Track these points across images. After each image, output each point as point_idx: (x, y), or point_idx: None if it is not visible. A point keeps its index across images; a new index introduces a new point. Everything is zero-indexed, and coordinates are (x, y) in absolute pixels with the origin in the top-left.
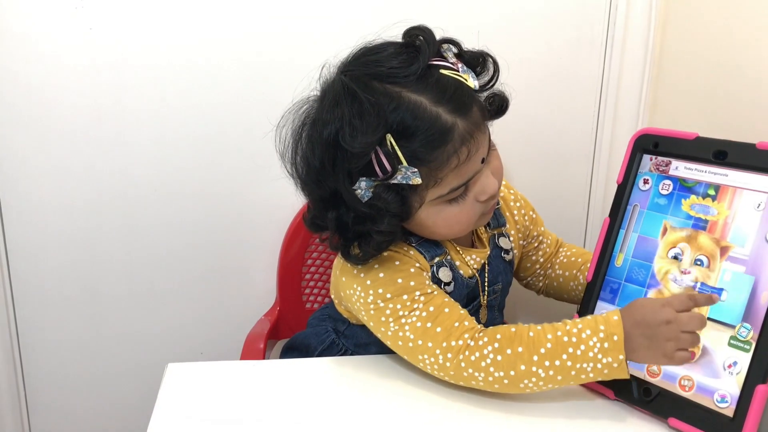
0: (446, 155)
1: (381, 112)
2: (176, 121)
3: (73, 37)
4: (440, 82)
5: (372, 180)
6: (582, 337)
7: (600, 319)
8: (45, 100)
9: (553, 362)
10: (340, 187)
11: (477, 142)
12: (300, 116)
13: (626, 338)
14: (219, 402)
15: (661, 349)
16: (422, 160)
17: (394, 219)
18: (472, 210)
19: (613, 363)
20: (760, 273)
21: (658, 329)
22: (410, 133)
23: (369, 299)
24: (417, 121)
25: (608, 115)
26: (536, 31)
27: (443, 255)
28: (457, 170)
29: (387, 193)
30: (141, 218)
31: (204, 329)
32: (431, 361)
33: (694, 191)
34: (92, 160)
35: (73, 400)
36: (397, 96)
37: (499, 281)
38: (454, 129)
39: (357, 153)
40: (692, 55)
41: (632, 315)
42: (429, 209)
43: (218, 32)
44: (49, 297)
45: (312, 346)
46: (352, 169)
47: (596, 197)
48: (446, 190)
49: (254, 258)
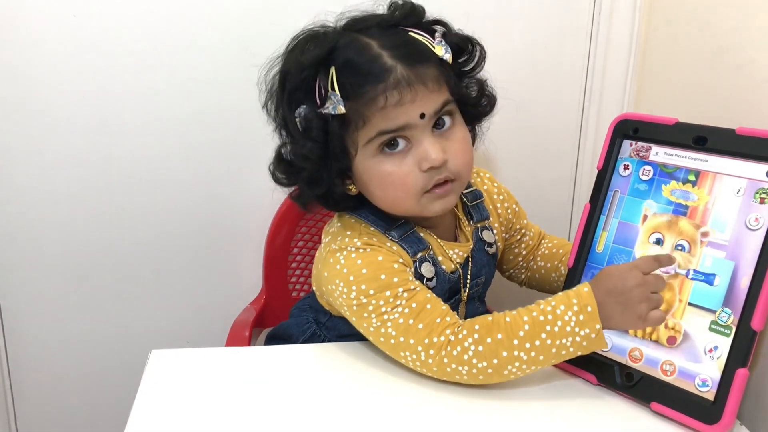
0: (375, 93)
1: (334, 38)
2: (161, 111)
3: (56, 23)
4: (398, 36)
5: (308, 108)
6: (557, 314)
7: (571, 293)
8: (28, 86)
9: (533, 343)
10: (285, 113)
11: (416, 93)
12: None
13: (600, 307)
14: (201, 388)
15: (635, 312)
16: (352, 93)
17: (314, 145)
18: (411, 175)
19: (591, 334)
20: (740, 258)
21: (630, 294)
22: (350, 66)
23: (352, 295)
24: (359, 56)
25: (593, 104)
26: (521, 21)
27: (426, 250)
28: (383, 112)
29: (317, 121)
30: (126, 207)
31: (190, 318)
32: (413, 358)
33: (675, 177)
34: (76, 149)
35: (60, 388)
36: (354, 36)
37: (482, 274)
38: (391, 71)
39: (304, 65)
40: (677, 43)
41: (603, 284)
42: (367, 160)
43: (205, 17)
44: (34, 287)
45: (294, 336)
46: (295, 89)
47: (581, 185)
48: (374, 132)
49: (240, 247)
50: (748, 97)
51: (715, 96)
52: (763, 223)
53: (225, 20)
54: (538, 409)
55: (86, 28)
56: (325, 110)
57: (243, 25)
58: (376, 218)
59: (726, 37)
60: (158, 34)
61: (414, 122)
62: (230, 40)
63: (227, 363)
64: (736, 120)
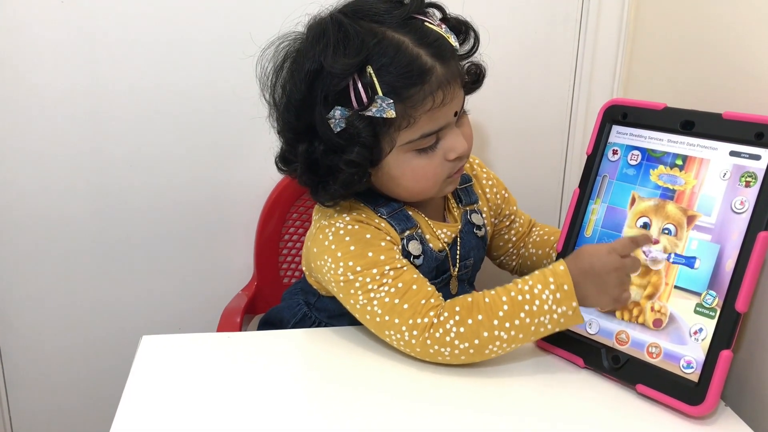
0: (423, 95)
1: (365, 41)
2: (152, 97)
3: (45, 10)
4: (423, 29)
5: (347, 110)
6: (534, 293)
7: (548, 271)
8: (17, 76)
9: (513, 322)
10: (315, 117)
11: (453, 91)
12: (283, 49)
13: (576, 286)
14: (192, 374)
15: (610, 295)
16: (399, 95)
17: (364, 150)
18: (440, 167)
19: (568, 311)
20: (725, 241)
21: (607, 277)
22: (390, 67)
23: (339, 271)
24: (398, 56)
25: (583, 90)
26: (511, 6)
27: (414, 228)
28: (430, 113)
29: (360, 122)
30: (117, 195)
31: (182, 304)
32: (397, 338)
33: (662, 161)
34: (67, 136)
35: (52, 375)
36: (381, 32)
37: (471, 256)
38: (432, 71)
39: (337, 74)
40: (666, 29)
41: (580, 263)
42: (398, 156)
43: (196, 5)
44: (24, 274)
45: (285, 319)
46: (330, 95)
47: (571, 170)
48: (418, 134)
49: (231, 233)
50: (734, 82)
51: (706, 82)
52: (748, 207)
53: (217, 12)
54: (525, 392)
55: (75, 17)
56: (369, 113)
57: (235, 17)
58: (365, 195)
59: (713, 23)
60: (150, 23)
61: (450, 121)
62: (221, 31)
63: (218, 348)
64: (724, 105)
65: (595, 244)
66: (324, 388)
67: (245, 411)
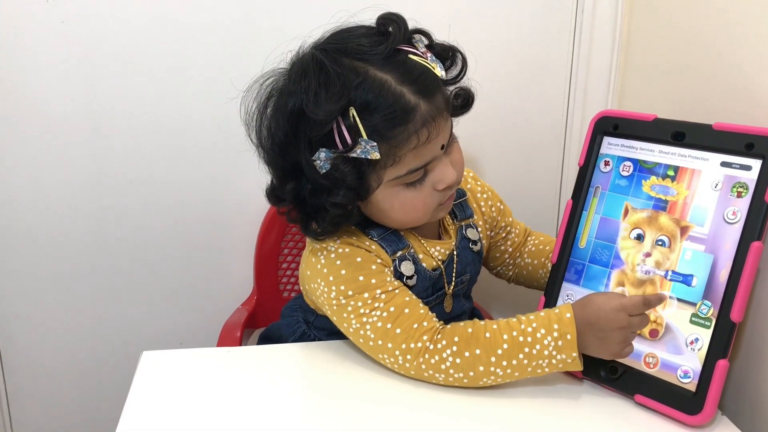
0: (407, 134)
1: (346, 83)
2: (152, 112)
3: (45, 30)
4: (407, 65)
5: (332, 152)
6: (537, 337)
7: (553, 316)
8: (19, 93)
9: (510, 362)
10: (300, 158)
11: (438, 126)
12: (266, 87)
13: (579, 335)
14: (192, 389)
15: (611, 349)
16: (383, 136)
17: (350, 192)
18: (429, 197)
19: (567, 359)
20: (718, 251)
21: (611, 333)
22: (373, 108)
23: (332, 295)
24: (380, 97)
25: (578, 101)
26: (505, 18)
27: (406, 249)
28: (416, 151)
29: (345, 165)
30: (117, 209)
31: (182, 319)
32: (391, 361)
33: (654, 172)
34: (67, 151)
35: (53, 389)
36: (363, 71)
37: (467, 272)
38: (416, 109)
39: (319, 121)
40: (660, 40)
41: (586, 315)
42: (386, 191)
43: (191, 23)
44: (26, 290)
45: (284, 336)
46: (313, 139)
47: (567, 182)
48: (404, 170)
49: (231, 247)
50: (725, 94)
51: (700, 93)
52: (740, 217)
53: (217, 22)
54: (523, 402)
55: (75, 35)
56: (354, 154)
57: (235, 27)
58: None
59: (705, 36)
60: (148, 39)
61: (437, 155)
62: (221, 42)
63: (218, 363)
64: (716, 116)
65: (606, 296)
66: (324, 403)
67: (246, 426)
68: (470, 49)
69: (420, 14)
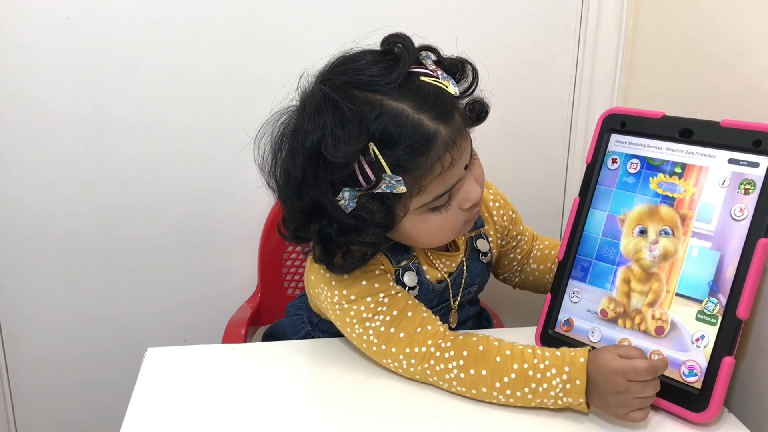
0: (430, 162)
1: (363, 121)
2: (157, 110)
3: (49, 26)
4: (421, 89)
5: (356, 190)
6: (546, 376)
7: (567, 358)
8: (22, 90)
9: (514, 392)
10: (322, 199)
11: (460, 148)
12: (279, 127)
13: (587, 385)
14: (197, 385)
15: (612, 412)
16: (406, 168)
17: (379, 229)
18: (456, 218)
19: (573, 402)
20: (725, 248)
21: (609, 396)
22: (393, 141)
23: (335, 299)
24: (399, 128)
25: (583, 99)
26: (510, 17)
27: (410, 259)
28: (441, 177)
29: (371, 203)
30: (122, 206)
31: (187, 316)
32: (395, 366)
33: (662, 169)
34: (73, 149)
35: (57, 386)
36: (378, 104)
37: (476, 283)
38: (437, 135)
39: (340, 163)
40: (666, 37)
41: (593, 368)
42: (413, 218)
43: (194, 22)
44: (30, 287)
45: (288, 336)
46: (335, 180)
47: (572, 179)
48: (430, 197)
49: (235, 245)
50: (732, 90)
51: (705, 90)
52: (747, 214)
53: (221, 22)
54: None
55: (79, 32)
56: (379, 190)
57: (239, 26)
58: None
59: (712, 32)
60: (153, 37)
61: (462, 175)
62: (226, 41)
63: (223, 360)
64: (723, 113)
65: (611, 354)
66: (329, 400)
67: (251, 423)
68: (475, 48)
69: (424, 12)
